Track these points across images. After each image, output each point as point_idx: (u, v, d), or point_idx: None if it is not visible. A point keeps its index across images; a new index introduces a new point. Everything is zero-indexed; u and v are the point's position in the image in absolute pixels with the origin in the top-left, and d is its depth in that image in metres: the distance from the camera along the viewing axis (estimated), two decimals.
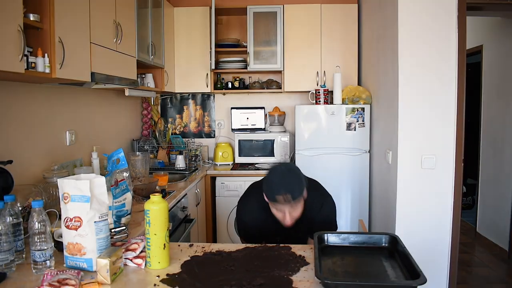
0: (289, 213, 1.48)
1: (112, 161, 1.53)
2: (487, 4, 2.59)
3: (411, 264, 1.11)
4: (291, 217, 1.49)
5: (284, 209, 1.47)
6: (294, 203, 1.45)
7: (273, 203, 1.48)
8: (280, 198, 1.44)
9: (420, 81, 2.42)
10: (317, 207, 1.64)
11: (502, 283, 3.08)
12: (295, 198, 1.44)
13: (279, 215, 1.51)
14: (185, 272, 1.17)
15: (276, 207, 1.49)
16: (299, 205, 1.49)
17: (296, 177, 1.48)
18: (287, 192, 1.43)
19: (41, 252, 1.16)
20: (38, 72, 1.57)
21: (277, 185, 1.45)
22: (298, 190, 1.45)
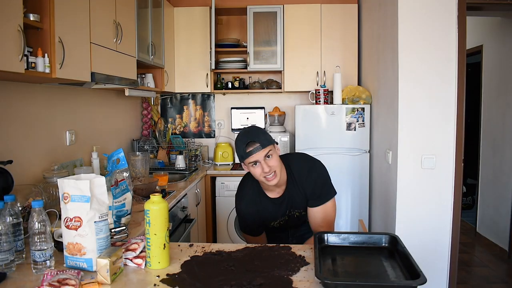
0: (265, 163, 1.49)
1: (112, 161, 1.53)
2: (487, 4, 2.59)
3: (411, 264, 1.11)
4: (270, 167, 1.50)
5: (258, 160, 1.49)
6: (265, 151, 1.49)
7: (247, 159, 1.50)
8: (249, 149, 1.48)
9: (420, 81, 2.42)
10: (305, 173, 1.64)
11: (502, 283, 3.08)
12: (264, 144, 1.48)
13: (257, 171, 1.51)
14: (185, 272, 1.17)
15: (251, 163, 1.50)
16: (273, 155, 1.51)
17: (260, 129, 1.57)
18: (253, 139, 1.48)
19: (41, 252, 1.16)
20: (38, 72, 1.57)
21: (242, 140, 1.51)
22: (263, 137, 1.51)
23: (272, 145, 1.53)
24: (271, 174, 1.52)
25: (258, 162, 1.50)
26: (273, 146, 1.54)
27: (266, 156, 1.50)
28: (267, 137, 1.53)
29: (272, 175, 1.52)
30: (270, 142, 1.52)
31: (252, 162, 1.51)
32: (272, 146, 1.53)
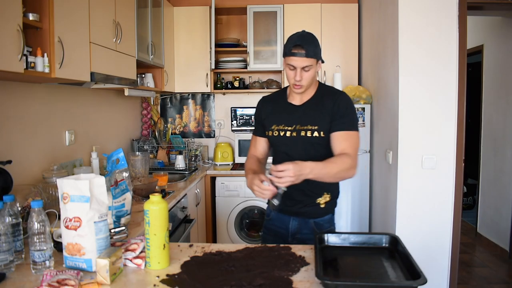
0: (300, 73, 1.50)
1: (112, 161, 1.53)
2: (487, 4, 2.59)
3: (412, 264, 1.11)
4: (302, 77, 1.51)
5: (296, 64, 1.49)
6: (306, 61, 1.48)
7: (287, 58, 1.51)
8: (294, 50, 1.48)
9: (420, 81, 2.42)
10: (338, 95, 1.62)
11: (502, 283, 3.08)
12: (308, 54, 1.48)
13: (290, 74, 1.53)
14: (185, 273, 1.17)
15: (290, 63, 1.51)
16: (311, 70, 1.51)
17: (314, 39, 1.53)
18: (302, 44, 1.47)
19: (41, 253, 1.16)
20: (38, 72, 1.57)
21: (293, 39, 1.50)
22: (313, 48, 1.49)
23: (315, 60, 1.52)
24: (299, 85, 1.54)
25: (295, 68, 1.51)
26: (316, 61, 1.53)
27: (304, 68, 1.50)
28: (316, 50, 1.51)
29: (299, 85, 1.54)
30: (315, 56, 1.51)
31: (290, 65, 1.52)
32: (315, 61, 1.52)
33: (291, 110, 1.65)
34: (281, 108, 1.68)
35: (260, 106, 1.75)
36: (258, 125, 1.75)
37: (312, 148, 1.62)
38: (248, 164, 1.71)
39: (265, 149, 1.76)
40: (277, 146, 1.70)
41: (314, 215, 1.66)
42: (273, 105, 1.70)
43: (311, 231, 1.65)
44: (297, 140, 1.62)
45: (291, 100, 1.67)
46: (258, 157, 1.75)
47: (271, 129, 1.67)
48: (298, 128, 1.61)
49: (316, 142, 1.60)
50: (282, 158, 1.62)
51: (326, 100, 1.61)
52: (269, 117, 1.69)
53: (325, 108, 1.59)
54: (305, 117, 1.62)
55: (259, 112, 1.75)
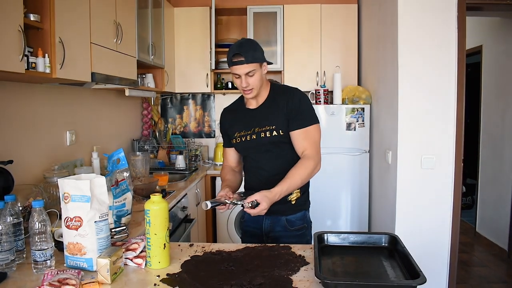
0: (245, 79, 1.54)
1: (113, 161, 1.53)
2: (486, 4, 2.59)
3: (411, 263, 1.12)
4: (248, 83, 1.55)
5: (239, 72, 1.54)
6: (247, 67, 1.52)
7: (231, 68, 1.57)
8: (234, 59, 1.52)
9: (420, 81, 2.43)
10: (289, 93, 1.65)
11: (501, 282, 3.08)
12: (248, 61, 1.51)
13: (237, 82, 1.58)
14: (185, 272, 1.17)
15: (234, 72, 1.56)
16: (255, 75, 1.55)
17: (253, 44, 1.57)
18: (240, 52, 1.51)
19: (42, 252, 1.17)
20: (39, 72, 1.57)
21: (232, 49, 1.55)
22: (252, 54, 1.53)
23: (257, 64, 1.55)
24: (248, 89, 1.58)
25: (240, 76, 1.55)
26: (259, 65, 1.56)
27: (247, 73, 1.54)
28: (255, 55, 1.54)
29: (249, 90, 1.58)
30: (256, 60, 1.54)
31: (234, 73, 1.57)
32: (258, 65, 1.56)
33: (248, 115, 1.69)
34: (241, 115, 1.72)
35: (222, 118, 1.80)
36: (224, 136, 1.80)
37: (276, 147, 1.64)
38: (223, 173, 1.78)
39: (236, 158, 1.80)
40: (243, 152, 1.75)
41: (285, 212, 1.67)
42: (234, 114, 1.75)
43: (283, 228, 1.66)
44: (258, 142, 1.64)
45: (248, 106, 1.71)
46: (231, 166, 1.80)
47: (234, 137, 1.71)
48: (257, 130, 1.64)
49: (278, 141, 1.62)
50: (250, 164, 1.72)
51: (278, 99, 1.64)
52: (231, 127, 1.73)
53: (279, 107, 1.62)
54: (262, 119, 1.65)
55: (222, 124, 1.79)
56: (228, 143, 1.78)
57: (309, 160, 1.57)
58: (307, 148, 1.59)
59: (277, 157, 1.65)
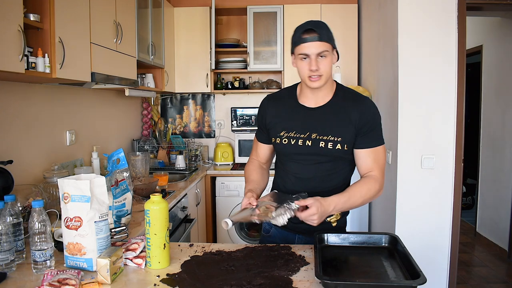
0: (315, 61, 1.28)
1: (112, 161, 1.53)
2: (486, 4, 2.59)
3: (411, 264, 1.12)
4: (318, 67, 1.29)
5: (309, 51, 1.28)
6: (321, 45, 1.27)
7: (299, 47, 1.30)
8: (305, 35, 1.28)
9: (420, 81, 2.42)
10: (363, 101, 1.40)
11: (501, 283, 3.08)
12: (322, 37, 1.27)
13: (304, 66, 1.30)
14: (185, 272, 1.17)
15: (302, 54, 1.30)
16: (327, 57, 1.30)
17: (326, 24, 1.33)
18: (314, 28, 1.28)
19: (41, 252, 1.17)
20: (38, 72, 1.57)
21: (302, 25, 1.31)
22: (326, 32, 1.29)
23: (331, 46, 1.31)
24: (316, 75, 1.30)
25: (308, 57, 1.29)
26: (332, 48, 1.32)
27: (319, 54, 1.28)
28: (329, 35, 1.31)
29: (317, 76, 1.30)
30: (330, 40, 1.30)
31: (302, 54, 1.29)
32: (331, 47, 1.31)
33: (304, 113, 1.40)
34: (292, 111, 1.42)
35: (265, 107, 1.48)
36: (261, 129, 1.52)
37: (331, 162, 1.39)
38: (248, 170, 1.52)
39: (268, 156, 1.56)
40: (284, 157, 1.45)
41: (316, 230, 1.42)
42: (281, 107, 1.45)
43: None
44: (312, 151, 1.37)
45: (303, 102, 1.42)
46: (260, 162, 1.57)
47: (279, 135, 1.42)
48: (315, 137, 1.37)
49: (339, 156, 1.38)
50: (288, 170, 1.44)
51: (349, 106, 1.37)
52: (276, 121, 1.44)
53: (349, 118, 1.36)
54: (324, 125, 1.37)
55: (263, 114, 1.48)
56: (265, 138, 1.51)
57: (375, 182, 1.37)
58: (374, 169, 1.39)
59: (329, 174, 1.41)
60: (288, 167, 1.45)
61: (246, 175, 1.52)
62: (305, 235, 1.46)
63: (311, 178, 1.41)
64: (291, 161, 1.43)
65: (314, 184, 1.41)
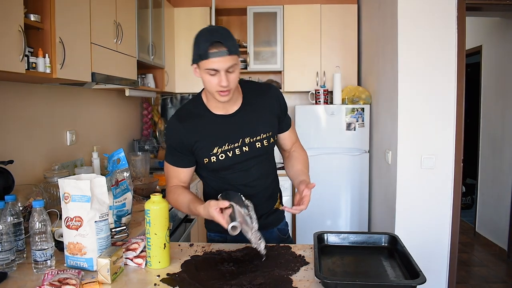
0: (225, 76, 1.20)
1: (113, 161, 1.54)
2: (486, 5, 2.59)
3: (411, 263, 1.12)
4: (228, 83, 1.21)
5: (218, 67, 1.19)
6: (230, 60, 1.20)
7: (206, 62, 1.20)
8: (213, 50, 1.18)
9: (419, 81, 2.43)
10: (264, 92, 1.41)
11: (501, 282, 3.09)
12: (231, 51, 1.20)
13: (213, 81, 1.22)
14: (185, 272, 1.17)
15: (210, 67, 1.20)
16: (236, 70, 1.23)
17: (229, 32, 1.25)
18: (221, 41, 1.18)
19: (42, 252, 1.17)
20: (39, 72, 1.58)
21: (206, 37, 1.20)
22: (232, 43, 1.22)
23: (237, 56, 1.23)
24: (226, 90, 1.23)
25: (217, 72, 1.21)
26: (238, 58, 1.24)
27: (228, 68, 1.21)
28: (235, 44, 1.23)
29: (227, 91, 1.24)
30: (237, 50, 1.23)
31: (210, 69, 1.20)
32: (237, 57, 1.23)
33: (227, 122, 1.34)
34: (213, 124, 1.34)
35: (180, 130, 1.33)
36: (180, 154, 1.36)
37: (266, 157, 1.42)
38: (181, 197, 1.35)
39: (190, 177, 1.45)
40: (224, 171, 1.38)
41: (276, 222, 1.50)
42: (199, 124, 1.34)
43: (277, 241, 1.47)
44: (250, 155, 1.36)
45: (217, 111, 1.35)
46: (184, 186, 1.43)
47: (212, 153, 1.33)
48: (248, 141, 1.35)
49: (271, 149, 1.42)
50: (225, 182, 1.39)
51: (263, 99, 1.39)
52: (202, 141, 1.33)
53: (270, 109, 1.39)
54: (252, 125, 1.36)
55: (180, 139, 1.33)
56: (188, 162, 1.38)
57: (303, 150, 1.50)
58: (295, 141, 1.51)
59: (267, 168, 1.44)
60: (229, 179, 1.40)
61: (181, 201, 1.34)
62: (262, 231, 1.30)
63: (257, 179, 1.41)
64: (232, 173, 1.38)
65: (260, 183, 1.42)
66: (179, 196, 1.36)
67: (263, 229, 1.33)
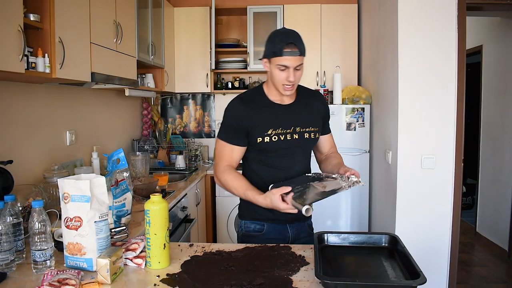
0: (293, 73, 1.41)
1: (112, 161, 1.53)
2: (486, 4, 2.59)
3: (411, 264, 1.12)
4: (295, 76, 1.42)
5: (289, 64, 1.39)
6: (300, 60, 1.41)
7: (279, 59, 1.40)
8: (287, 50, 1.38)
9: (420, 81, 2.43)
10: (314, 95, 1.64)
11: (502, 283, 3.08)
12: (302, 53, 1.41)
13: (282, 76, 1.42)
14: (185, 272, 1.17)
15: (282, 63, 1.40)
16: (302, 68, 1.44)
17: (299, 36, 1.45)
18: (295, 42, 1.39)
19: (41, 252, 1.17)
20: (38, 72, 1.57)
21: (282, 38, 1.40)
22: (303, 46, 1.42)
23: (304, 58, 1.44)
24: (291, 85, 1.44)
25: (287, 68, 1.40)
26: (304, 59, 1.45)
27: (297, 66, 1.41)
28: (304, 48, 1.44)
29: (291, 86, 1.44)
30: (305, 54, 1.44)
31: (282, 65, 1.40)
32: (304, 58, 1.44)
33: (284, 111, 1.52)
34: (270, 109, 1.51)
35: (239, 109, 1.50)
36: (236, 132, 1.50)
37: (309, 149, 1.60)
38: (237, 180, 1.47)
39: (240, 158, 1.57)
40: (272, 153, 1.51)
41: (307, 218, 1.61)
42: (257, 107, 1.51)
43: (307, 234, 1.61)
44: (299, 143, 1.52)
45: (276, 100, 1.53)
46: (233, 167, 1.54)
47: (266, 134, 1.47)
48: (299, 130, 1.52)
49: (313, 146, 1.62)
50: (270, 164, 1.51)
51: (310, 100, 1.59)
52: (258, 121, 1.48)
53: (317, 109, 1.59)
54: (303, 118, 1.53)
55: (239, 116, 1.48)
56: (243, 141, 1.51)
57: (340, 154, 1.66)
58: (333, 147, 1.69)
59: (308, 160, 1.60)
60: (273, 162, 1.52)
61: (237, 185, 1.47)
62: (294, 222, 1.57)
63: (299, 167, 1.55)
64: (278, 156, 1.52)
65: (300, 171, 1.55)
66: (235, 179, 1.48)
67: (296, 221, 1.55)
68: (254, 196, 1.40)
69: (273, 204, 1.31)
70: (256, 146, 1.50)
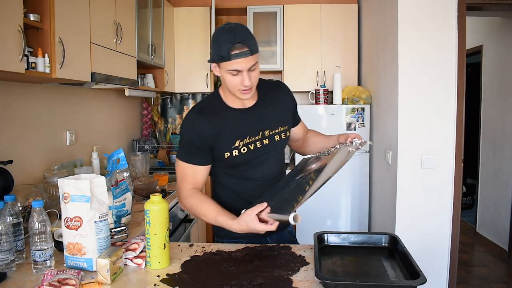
0: (248, 75, 1.22)
1: (112, 161, 1.53)
2: (487, 4, 2.59)
3: (411, 264, 1.12)
4: (250, 79, 1.23)
5: (241, 67, 1.20)
6: (252, 60, 1.22)
7: (228, 63, 1.20)
8: (235, 52, 1.18)
9: (420, 81, 2.43)
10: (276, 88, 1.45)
11: (502, 283, 3.08)
12: (253, 51, 1.21)
13: (235, 81, 1.23)
14: (185, 272, 1.17)
15: (233, 68, 1.21)
16: (257, 68, 1.25)
17: (249, 30, 1.26)
18: (243, 41, 1.19)
19: (41, 252, 1.17)
20: (38, 72, 1.57)
21: (228, 38, 1.19)
22: (253, 42, 1.23)
23: (257, 54, 1.25)
24: (249, 88, 1.25)
25: (239, 72, 1.22)
26: (257, 56, 1.25)
27: (251, 67, 1.22)
28: (255, 43, 1.24)
29: (249, 90, 1.26)
30: (257, 50, 1.24)
31: (233, 69, 1.21)
32: (257, 55, 1.25)
33: (246, 116, 1.35)
34: (232, 118, 1.34)
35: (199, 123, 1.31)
36: (200, 149, 1.32)
37: (282, 153, 1.47)
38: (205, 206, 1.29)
39: (205, 179, 1.41)
40: (244, 165, 1.36)
41: (286, 226, 1.48)
42: (218, 118, 1.33)
43: (290, 242, 1.47)
44: (271, 148, 1.38)
45: (235, 106, 1.36)
46: (198, 189, 1.38)
47: (234, 147, 1.32)
48: (268, 133, 1.37)
49: (285, 146, 1.46)
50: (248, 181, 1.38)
51: (274, 94, 1.42)
52: (222, 133, 1.31)
53: (283, 104, 1.43)
54: (269, 119, 1.38)
55: (199, 132, 1.30)
56: (207, 159, 1.35)
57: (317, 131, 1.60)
58: (307, 130, 1.62)
59: (282, 161, 1.48)
60: (245, 174, 1.38)
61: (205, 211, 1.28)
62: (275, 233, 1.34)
63: (276, 172, 1.43)
64: (250, 167, 1.37)
65: (277, 176, 1.42)
66: (203, 204, 1.30)
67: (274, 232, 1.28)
68: (226, 222, 1.22)
69: (249, 227, 1.14)
70: (224, 162, 1.35)
